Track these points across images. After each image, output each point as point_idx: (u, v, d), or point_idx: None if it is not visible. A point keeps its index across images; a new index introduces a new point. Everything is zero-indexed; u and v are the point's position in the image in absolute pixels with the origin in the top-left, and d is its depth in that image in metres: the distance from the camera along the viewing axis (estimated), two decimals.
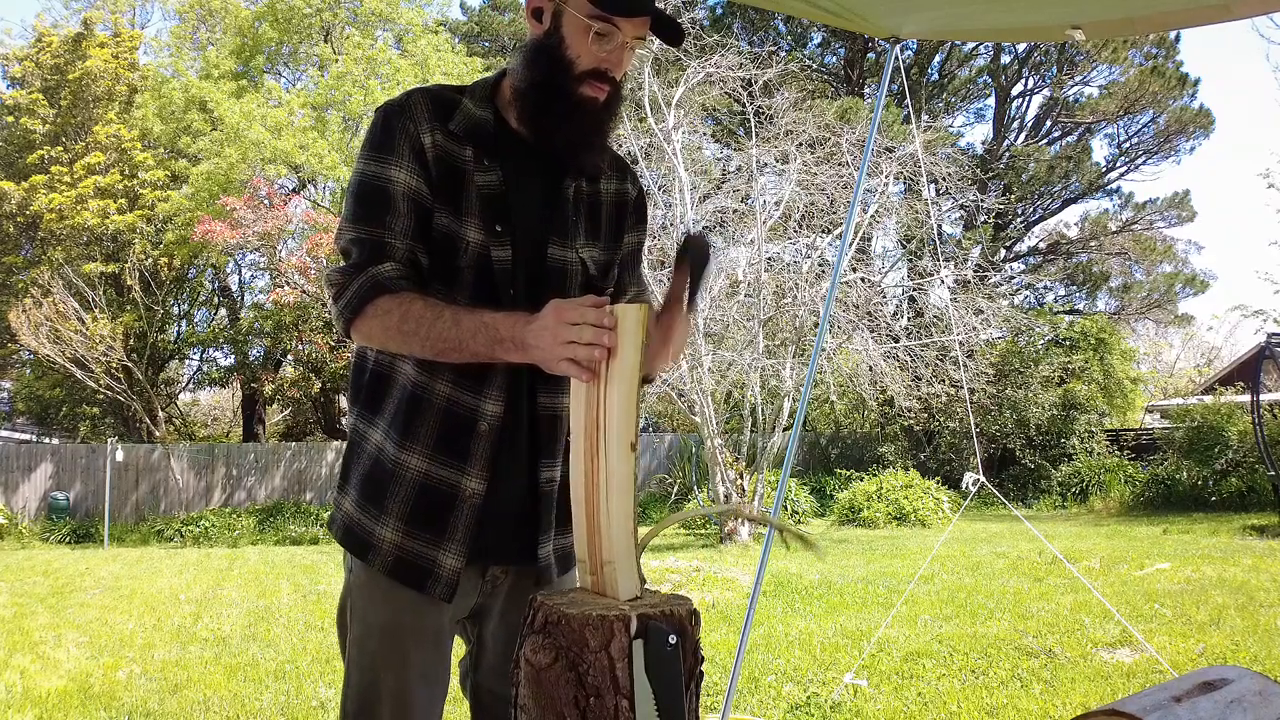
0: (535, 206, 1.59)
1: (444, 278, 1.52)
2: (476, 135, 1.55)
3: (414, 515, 1.53)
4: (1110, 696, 3.95)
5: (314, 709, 4.15)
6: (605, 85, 1.51)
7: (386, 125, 1.53)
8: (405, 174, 1.51)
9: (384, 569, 1.53)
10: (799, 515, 14.35)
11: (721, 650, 4.97)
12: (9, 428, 21.91)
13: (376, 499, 1.55)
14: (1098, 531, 11.45)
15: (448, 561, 1.52)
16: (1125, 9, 2.78)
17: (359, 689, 1.55)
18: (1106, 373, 17.16)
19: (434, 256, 1.53)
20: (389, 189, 1.50)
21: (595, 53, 1.49)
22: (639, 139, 12.20)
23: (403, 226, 1.50)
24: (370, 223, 1.50)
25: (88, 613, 7.05)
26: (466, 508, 1.52)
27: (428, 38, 20.07)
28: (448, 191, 1.52)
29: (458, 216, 1.52)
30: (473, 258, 1.52)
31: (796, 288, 12.35)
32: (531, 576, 1.62)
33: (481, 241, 1.52)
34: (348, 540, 1.58)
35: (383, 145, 1.52)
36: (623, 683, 1.12)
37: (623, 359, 1.25)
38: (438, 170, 1.52)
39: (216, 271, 21.69)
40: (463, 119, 1.55)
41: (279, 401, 21.51)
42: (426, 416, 1.53)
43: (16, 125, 20.24)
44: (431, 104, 1.54)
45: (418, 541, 1.53)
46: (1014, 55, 21.88)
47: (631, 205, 1.72)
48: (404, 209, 1.50)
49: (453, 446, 1.52)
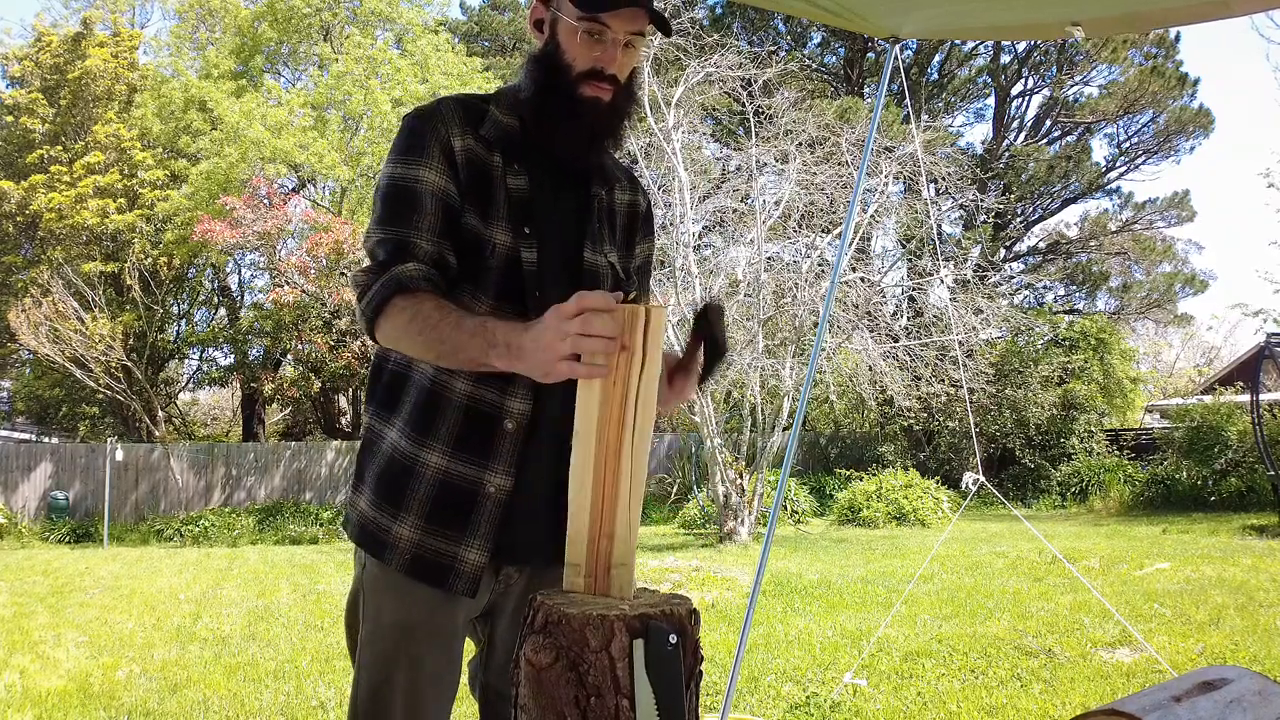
0: (564, 212, 1.61)
1: (472, 278, 1.52)
2: (505, 141, 1.57)
3: (433, 512, 1.52)
4: (1110, 696, 3.95)
5: (314, 709, 4.15)
6: (606, 84, 1.53)
7: (416, 129, 1.54)
8: (434, 174, 1.51)
9: (402, 568, 1.52)
10: (799, 515, 14.34)
11: (721, 650, 4.97)
12: (9, 427, 21.90)
13: (394, 497, 1.54)
14: (1097, 531, 11.45)
15: (470, 556, 1.51)
16: (1125, 5, 2.78)
17: (370, 688, 1.54)
18: (1106, 373, 17.16)
19: (462, 258, 1.53)
20: (416, 189, 1.51)
21: (589, 53, 1.51)
22: (639, 139, 12.19)
23: (429, 225, 1.50)
24: (396, 223, 1.50)
25: (87, 612, 7.04)
26: (490, 504, 1.51)
27: (428, 38, 20.08)
28: (477, 194, 1.53)
29: (486, 219, 1.53)
30: (501, 259, 1.52)
31: (796, 287, 12.35)
32: (547, 577, 1.59)
33: (510, 243, 1.52)
34: (363, 539, 1.57)
35: (411, 148, 1.53)
36: (623, 682, 1.12)
37: (653, 359, 1.24)
38: (467, 173, 1.53)
39: (216, 271, 21.69)
40: (492, 125, 1.57)
41: (279, 401, 21.50)
42: (446, 413, 1.52)
43: (16, 125, 20.24)
44: (462, 110, 1.57)
45: (437, 538, 1.52)
46: (1014, 55, 21.89)
47: (642, 217, 1.76)
48: (431, 208, 1.51)
49: (474, 443, 1.51)
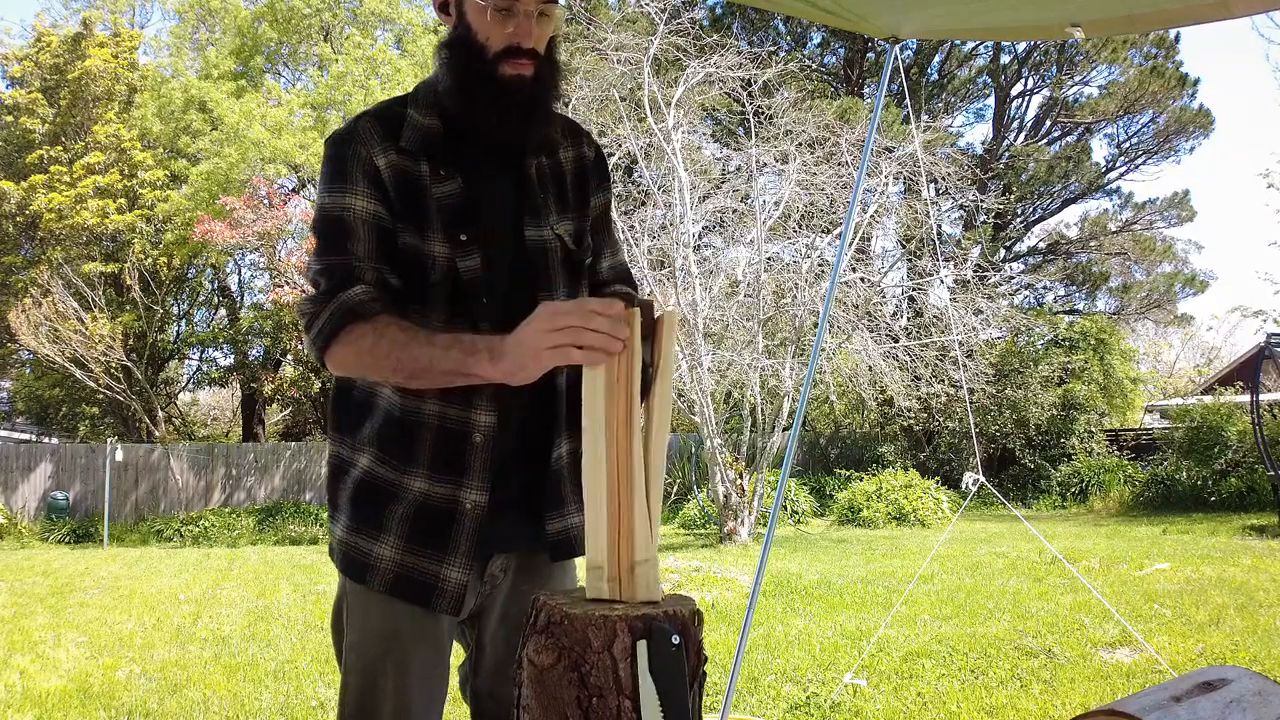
0: (503, 198, 1.57)
1: (418, 298, 1.50)
2: (428, 146, 1.53)
3: (414, 532, 1.50)
4: (1110, 696, 3.95)
5: (314, 709, 4.15)
6: (525, 59, 1.49)
7: (338, 155, 1.51)
8: (362, 200, 1.48)
9: (384, 588, 1.51)
10: (799, 515, 14.35)
11: (721, 650, 4.97)
12: (9, 427, 21.89)
13: (372, 519, 1.52)
14: (1097, 531, 11.45)
15: (452, 575, 1.50)
16: (1125, 6, 2.78)
17: (358, 693, 1.53)
18: (1106, 373, 17.17)
19: (405, 278, 1.50)
20: (346, 217, 1.48)
21: (502, 31, 1.47)
22: (639, 139, 12.19)
23: (366, 250, 1.48)
24: (333, 252, 1.48)
25: (87, 613, 7.05)
26: (469, 520, 1.50)
27: (428, 38, 20.07)
28: (409, 210, 1.50)
29: (422, 233, 1.49)
30: (441, 273, 1.49)
31: (796, 288, 12.35)
32: (531, 570, 1.60)
33: (447, 254, 1.49)
34: (346, 566, 1.55)
35: (336, 175, 1.50)
36: (626, 683, 1.12)
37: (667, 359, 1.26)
38: (396, 190, 1.50)
39: (216, 271, 21.69)
40: (411, 132, 1.53)
41: (279, 401, 21.55)
42: (421, 436, 1.50)
43: (16, 125, 20.23)
44: (379, 125, 1.52)
45: (419, 558, 1.50)
46: (1014, 55, 21.87)
47: (592, 167, 1.70)
48: (364, 234, 1.48)
49: (449, 461, 1.50)
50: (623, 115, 11.95)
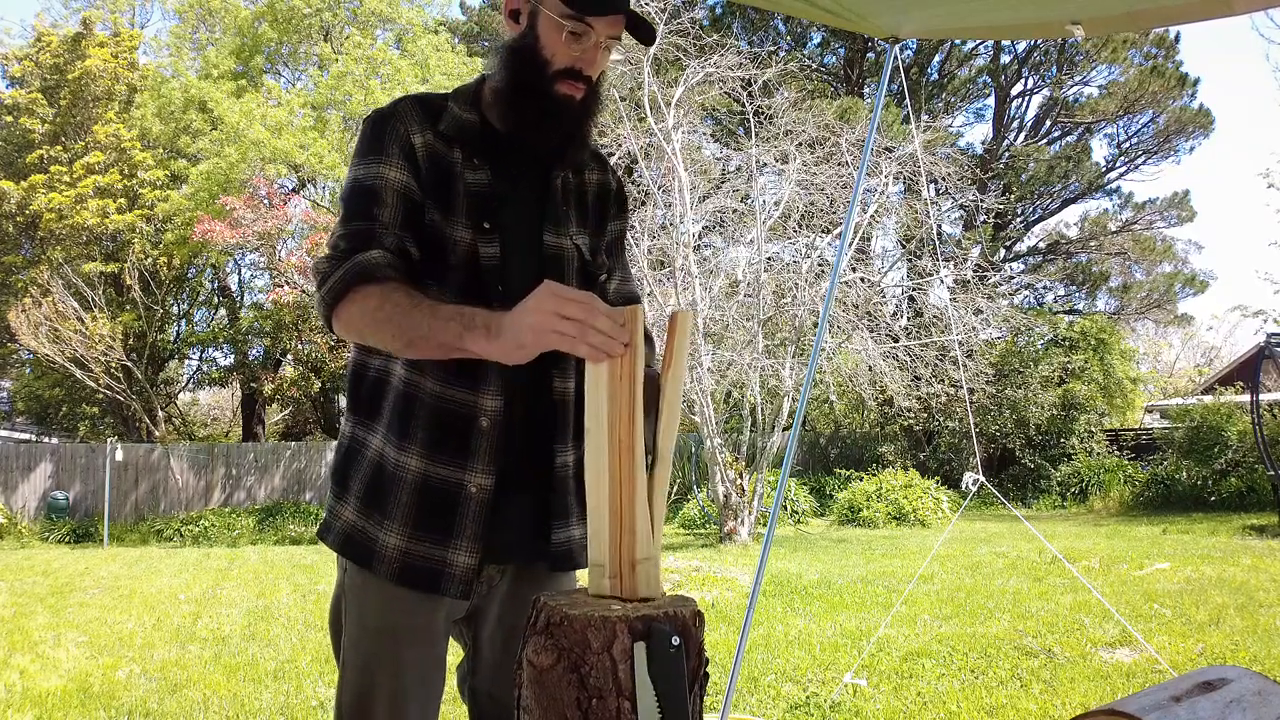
0: (526, 202, 1.60)
1: (437, 277, 1.52)
2: (464, 136, 1.57)
3: (418, 518, 1.51)
4: (1110, 696, 3.95)
5: (314, 709, 4.15)
6: (581, 84, 1.53)
7: (376, 130, 1.54)
8: (395, 171, 1.51)
9: (391, 576, 1.51)
10: (799, 515, 14.35)
11: (721, 650, 4.97)
12: (9, 427, 21.89)
13: (380, 504, 1.53)
14: (1097, 531, 11.46)
15: (460, 559, 1.51)
16: (1126, 3, 2.77)
17: (355, 690, 1.54)
18: (1106, 373, 17.17)
19: (425, 255, 1.52)
20: (377, 185, 1.51)
21: (570, 52, 1.50)
22: (639, 139, 12.19)
23: (391, 217, 1.50)
24: (358, 218, 1.50)
25: (87, 612, 7.04)
26: (475, 504, 1.51)
27: (428, 38, 20.06)
28: (438, 190, 1.53)
29: (447, 215, 1.52)
30: (461, 256, 1.52)
31: (796, 287, 12.35)
32: (529, 577, 1.61)
33: (470, 240, 1.52)
34: (348, 549, 1.56)
35: (372, 149, 1.53)
36: (625, 684, 1.12)
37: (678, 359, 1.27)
38: (428, 169, 1.53)
39: (216, 271, 21.69)
40: (450, 121, 1.57)
41: (279, 401, 21.53)
42: (419, 414, 1.52)
43: (16, 125, 20.23)
44: (420, 107, 1.57)
45: (425, 544, 1.51)
46: (1014, 55, 21.87)
47: (613, 196, 1.75)
48: (392, 201, 1.51)
49: (449, 444, 1.51)
50: (622, 115, 11.95)
